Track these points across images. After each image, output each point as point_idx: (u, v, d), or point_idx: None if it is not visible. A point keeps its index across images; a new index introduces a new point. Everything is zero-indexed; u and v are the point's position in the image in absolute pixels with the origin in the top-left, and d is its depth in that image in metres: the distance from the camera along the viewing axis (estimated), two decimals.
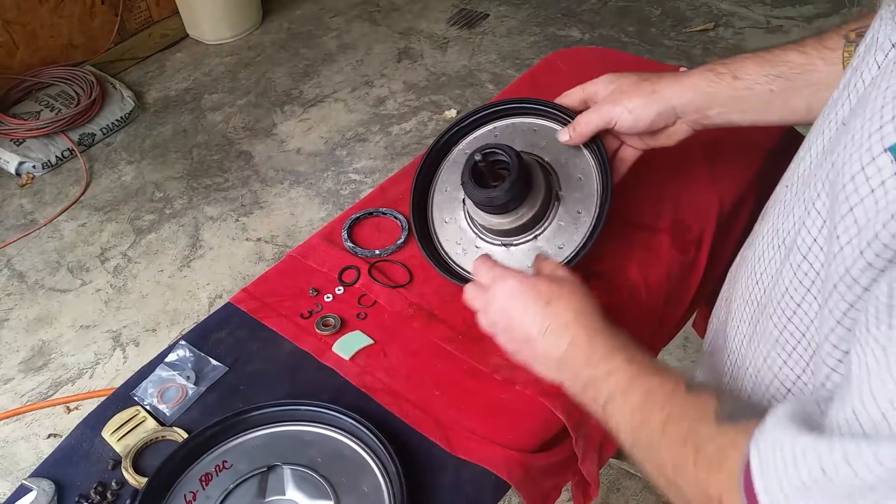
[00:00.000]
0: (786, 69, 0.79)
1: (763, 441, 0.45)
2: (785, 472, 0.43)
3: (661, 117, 0.85)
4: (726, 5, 3.17)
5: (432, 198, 0.99)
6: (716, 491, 0.50)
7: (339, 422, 0.80)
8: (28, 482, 0.79)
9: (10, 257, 2.39)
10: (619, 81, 0.88)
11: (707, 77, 0.83)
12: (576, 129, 0.89)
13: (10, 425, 1.95)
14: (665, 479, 0.57)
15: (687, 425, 0.56)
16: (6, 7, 2.79)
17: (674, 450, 0.56)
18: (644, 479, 1.71)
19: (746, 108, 0.83)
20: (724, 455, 0.50)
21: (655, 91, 0.85)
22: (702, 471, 0.52)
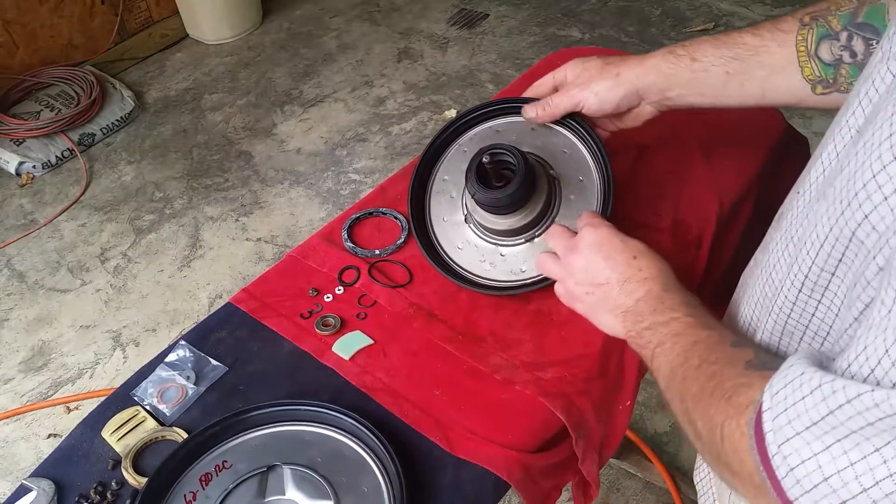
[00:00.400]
0: (741, 51, 0.81)
1: (776, 381, 0.48)
2: (794, 407, 0.45)
3: (626, 99, 0.88)
4: (726, 5, 3.17)
5: (430, 196, 0.99)
6: (719, 418, 0.55)
7: (339, 422, 0.80)
8: (28, 482, 0.79)
9: (10, 257, 2.39)
10: (586, 65, 0.90)
11: (667, 59, 0.85)
12: (545, 109, 0.92)
13: (10, 425, 1.95)
14: (686, 412, 0.62)
15: (718, 367, 0.60)
16: (6, 7, 2.79)
17: (699, 384, 0.60)
18: (644, 479, 1.71)
19: (704, 91, 0.85)
20: (737, 391, 0.54)
21: (619, 74, 0.87)
22: (714, 400, 0.56)
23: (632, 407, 0.90)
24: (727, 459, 0.54)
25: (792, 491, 0.45)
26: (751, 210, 1.05)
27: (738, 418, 0.52)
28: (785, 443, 0.45)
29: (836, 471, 0.43)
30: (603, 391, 0.86)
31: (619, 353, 0.89)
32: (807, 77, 0.78)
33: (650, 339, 0.72)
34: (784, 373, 0.48)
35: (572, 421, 0.82)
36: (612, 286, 0.78)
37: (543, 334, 0.89)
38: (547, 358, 0.87)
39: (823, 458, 0.43)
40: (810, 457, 0.44)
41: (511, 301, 0.93)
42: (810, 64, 0.77)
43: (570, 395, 0.83)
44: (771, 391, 0.48)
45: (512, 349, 0.88)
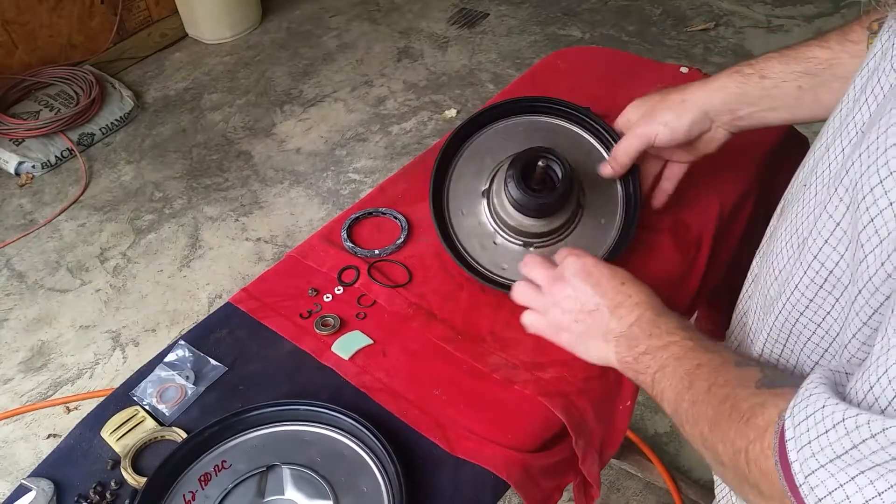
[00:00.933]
0: (811, 65, 0.80)
1: (797, 411, 0.48)
2: (817, 441, 0.45)
3: (696, 125, 0.86)
4: (727, 4, 3.17)
5: (448, 188, 0.97)
6: (742, 443, 0.54)
7: (339, 421, 0.80)
8: (27, 482, 0.78)
9: (10, 257, 2.39)
10: (647, 102, 0.89)
11: (734, 78, 0.85)
12: (616, 160, 0.90)
13: (10, 425, 1.95)
14: (702, 438, 0.61)
15: (729, 390, 0.60)
16: (5, 7, 2.79)
17: (714, 408, 0.60)
18: (644, 479, 1.71)
19: (777, 106, 0.83)
20: (754, 412, 0.54)
21: (685, 100, 0.86)
22: (733, 425, 0.56)
23: (632, 407, 0.90)
24: (756, 482, 0.54)
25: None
26: (751, 210, 1.05)
27: (761, 441, 0.52)
28: (811, 474, 0.46)
29: (863, 501, 0.43)
30: (603, 391, 0.86)
31: None
32: None
33: (649, 363, 0.71)
34: (804, 402, 0.48)
35: (572, 421, 0.82)
36: (603, 312, 0.76)
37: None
38: (547, 358, 0.87)
39: (850, 489, 0.44)
40: (836, 488, 0.44)
41: (511, 301, 0.92)
42: None
43: (570, 394, 0.83)
44: (793, 420, 0.48)
45: (511, 349, 0.88)
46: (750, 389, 0.58)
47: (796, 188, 0.68)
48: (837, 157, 0.59)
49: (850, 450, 0.43)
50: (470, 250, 0.94)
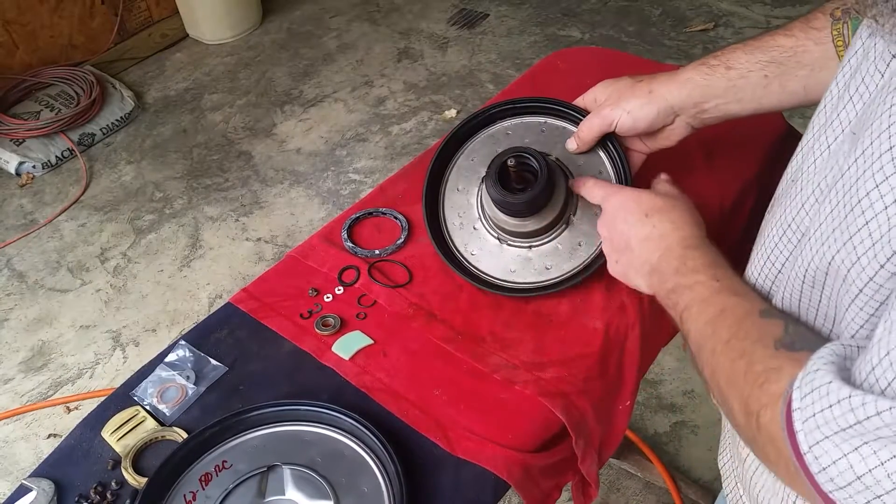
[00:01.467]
0: (776, 53, 0.81)
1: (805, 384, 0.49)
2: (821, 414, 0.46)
3: (660, 116, 0.87)
4: (726, 5, 3.17)
5: (443, 196, 0.98)
6: (755, 406, 0.55)
7: (339, 422, 0.80)
8: (28, 482, 0.79)
9: (10, 257, 2.39)
10: (616, 85, 0.89)
11: (700, 71, 0.85)
12: (580, 137, 0.91)
13: (10, 425, 1.95)
14: (718, 388, 0.62)
15: (748, 344, 0.59)
16: (6, 7, 2.79)
17: (730, 361, 0.60)
18: (644, 479, 1.71)
19: (743, 97, 0.84)
20: (768, 377, 0.55)
21: (652, 90, 0.86)
22: (748, 385, 0.56)
23: (631, 407, 0.91)
24: (763, 446, 0.55)
25: (826, 486, 0.47)
26: (752, 205, 1.05)
27: (773, 408, 0.53)
28: (815, 444, 0.47)
29: (867, 469, 0.44)
30: (602, 391, 0.87)
31: (619, 354, 0.89)
32: None
33: (676, 301, 0.71)
34: (811, 376, 0.49)
35: (572, 421, 0.82)
36: (633, 248, 0.78)
37: (543, 334, 0.89)
38: (546, 358, 0.87)
39: (854, 458, 0.45)
40: (840, 457, 0.45)
41: (511, 301, 0.93)
42: None
43: (570, 394, 0.83)
44: (801, 391, 0.49)
45: (512, 349, 0.88)
46: (769, 350, 0.57)
47: (786, 183, 0.69)
48: (823, 154, 0.60)
49: (854, 424, 0.44)
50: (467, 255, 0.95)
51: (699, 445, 1.77)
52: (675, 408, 1.83)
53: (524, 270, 0.92)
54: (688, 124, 0.88)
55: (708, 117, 0.87)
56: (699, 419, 1.81)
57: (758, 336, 0.60)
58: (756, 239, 0.76)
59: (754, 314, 0.63)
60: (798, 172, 0.64)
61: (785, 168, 0.72)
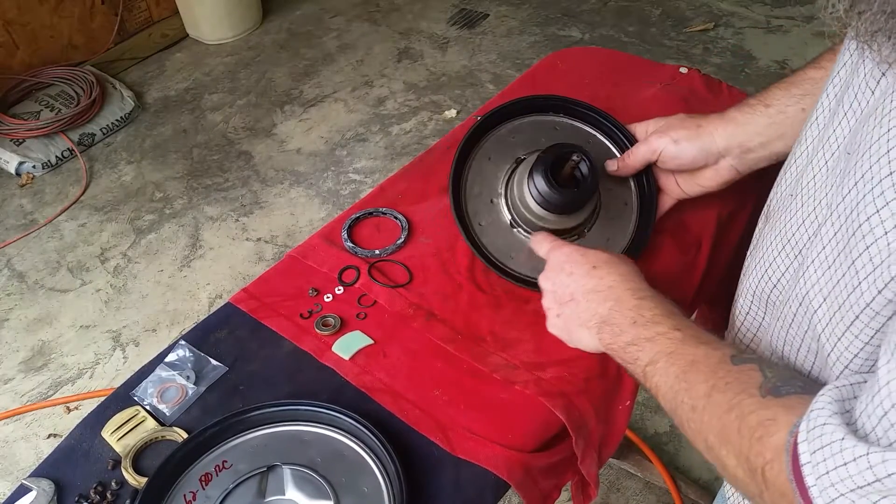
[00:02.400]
0: (809, 86, 0.83)
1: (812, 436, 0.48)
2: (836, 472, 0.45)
3: (703, 153, 0.88)
4: (726, 5, 3.17)
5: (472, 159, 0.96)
6: (758, 462, 0.54)
7: (339, 422, 0.80)
8: (28, 482, 0.79)
9: (10, 257, 2.39)
10: (668, 119, 0.92)
11: (742, 110, 0.87)
12: (625, 161, 0.93)
13: (10, 425, 1.95)
14: (706, 444, 0.60)
15: (731, 395, 0.58)
16: (6, 7, 2.79)
17: (718, 417, 0.58)
18: (644, 479, 1.71)
19: (785, 133, 0.84)
20: (766, 429, 0.54)
21: (700, 126, 0.88)
22: (745, 441, 0.55)
23: (631, 407, 0.91)
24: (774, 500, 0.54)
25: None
26: (751, 211, 1.05)
27: (779, 462, 0.52)
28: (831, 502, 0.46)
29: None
30: (603, 391, 0.87)
31: None
32: None
33: (637, 355, 0.70)
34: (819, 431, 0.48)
35: (572, 421, 0.82)
36: (578, 300, 0.78)
37: (543, 334, 0.89)
38: (547, 358, 0.87)
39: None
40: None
41: (511, 301, 0.93)
42: None
43: (570, 394, 0.83)
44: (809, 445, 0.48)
45: (512, 349, 0.88)
46: (756, 398, 0.56)
47: (782, 196, 0.69)
48: (821, 170, 0.60)
49: (872, 482, 0.43)
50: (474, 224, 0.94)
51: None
52: None
53: (523, 259, 0.92)
54: (732, 167, 0.89)
55: (754, 157, 0.87)
56: None
57: (739, 386, 0.58)
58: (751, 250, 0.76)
59: (727, 362, 0.62)
60: (796, 186, 0.64)
61: (776, 175, 0.72)
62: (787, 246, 0.64)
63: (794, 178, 0.66)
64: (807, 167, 0.63)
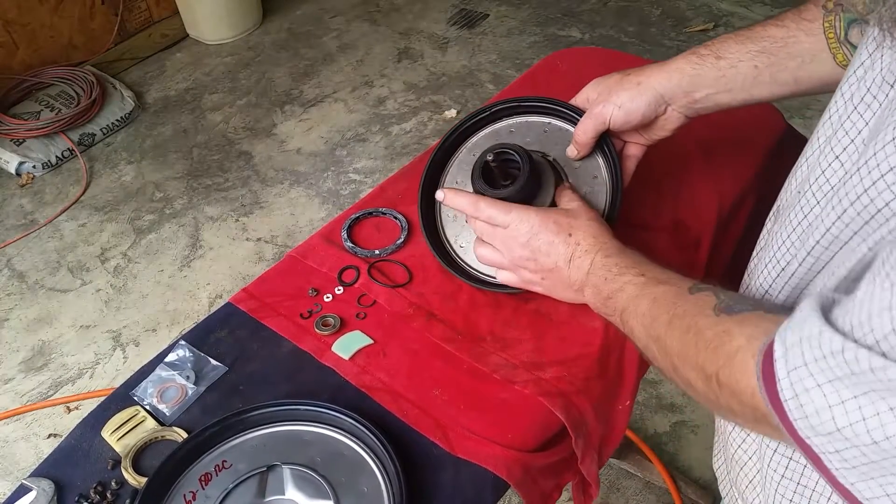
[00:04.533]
0: (767, 44, 0.80)
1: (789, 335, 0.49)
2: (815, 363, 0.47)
3: (651, 107, 0.86)
4: (726, 5, 3.17)
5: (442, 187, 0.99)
6: (712, 369, 0.58)
7: (339, 421, 0.80)
8: (28, 482, 0.79)
9: (10, 257, 2.39)
10: (606, 82, 0.89)
11: (690, 60, 0.84)
12: (577, 141, 0.91)
13: (10, 425, 1.95)
14: (673, 368, 0.65)
15: (689, 319, 0.63)
16: (6, 7, 2.79)
17: (678, 339, 0.64)
18: (644, 479, 1.71)
19: (733, 87, 0.83)
20: (720, 340, 0.58)
21: (640, 82, 0.86)
22: (701, 353, 0.60)
23: (631, 407, 0.91)
24: (727, 403, 0.58)
25: (804, 431, 0.48)
26: (751, 210, 1.05)
27: (730, 367, 0.56)
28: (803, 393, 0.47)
29: (847, 424, 0.45)
30: (602, 391, 0.87)
31: (619, 353, 0.89)
32: (840, 63, 0.77)
33: (614, 307, 0.75)
34: (798, 326, 0.49)
35: (572, 420, 0.82)
36: (562, 269, 0.81)
37: (543, 334, 0.89)
38: (546, 357, 0.87)
39: (837, 412, 0.45)
40: (825, 407, 0.46)
41: (510, 300, 0.93)
42: (842, 50, 0.77)
43: (570, 394, 0.83)
44: (783, 343, 0.50)
45: (511, 349, 0.88)
46: (710, 318, 0.61)
47: (791, 194, 0.69)
48: (832, 164, 0.60)
49: (849, 375, 0.45)
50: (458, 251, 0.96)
51: (699, 445, 1.77)
52: (675, 408, 1.83)
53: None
54: (681, 114, 0.88)
55: (700, 107, 0.86)
56: (699, 419, 1.81)
57: (695, 310, 0.63)
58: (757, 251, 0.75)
59: (684, 293, 0.67)
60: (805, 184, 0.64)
61: (786, 172, 0.72)
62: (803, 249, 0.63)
63: (804, 175, 0.66)
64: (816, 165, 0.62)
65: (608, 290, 0.76)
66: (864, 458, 0.46)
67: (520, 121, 0.98)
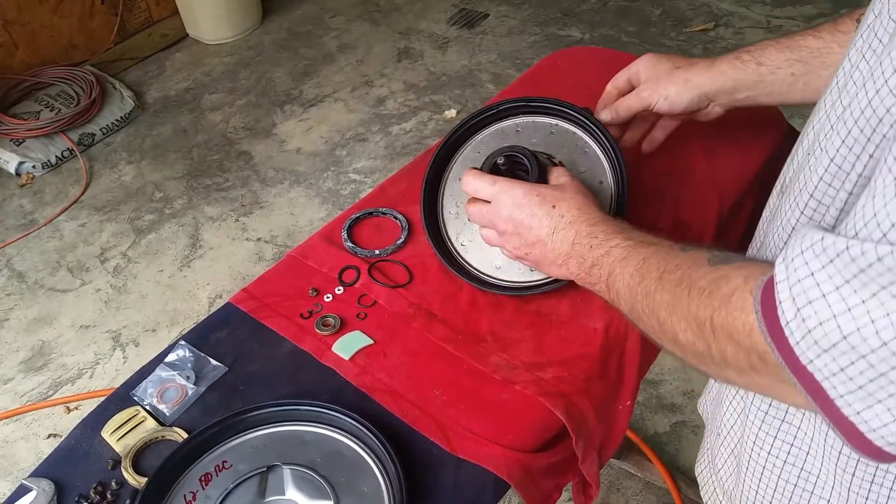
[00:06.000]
0: (804, 53, 0.88)
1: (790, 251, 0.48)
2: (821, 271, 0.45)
3: (694, 102, 0.94)
4: (726, 5, 3.17)
5: (444, 189, 0.99)
6: (706, 313, 0.56)
7: (339, 422, 0.80)
8: (28, 482, 0.79)
9: (10, 257, 2.39)
10: (657, 69, 0.96)
11: (734, 65, 0.92)
12: (618, 111, 0.98)
13: (10, 425, 1.95)
14: (660, 325, 0.63)
15: (681, 273, 0.61)
16: (6, 7, 2.79)
17: (669, 292, 0.62)
18: (644, 479, 1.71)
19: (771, 92, 0.91)
20: (716, 285, 0.56)
21: (688, 80, 0.93)
22: (694, 301, 0.58)
23: (632, 407, 0.91)
24: (721, 348, 0.55)
25: (807, 353, 0.46)
26: (751, 210, 1.05)
27: (727, 307, 0.54)
28: (807, 305, 0.46)
29: (855, 329, 0.43)
30: (603, 391, 0.87)
31: (619, 354, 0.89)
32: None
33: (599, 273, 0.74)
34: (798, 242, 0.48)
35: (572, 421, 0.82)
36: (545, 242, 0.80)
37: (543, 334, 0.89)
38: (547, 358, 0.87)
39: (844, 319, 0.44)
40: (830, 318, 0.44)
41: (511, 301, 0.93)
42: None
43: (570, 394, 0.83)
44: (786, 262, 0.48)
45: (512, 349, 0.88)
46: (705, 268, 0.59)
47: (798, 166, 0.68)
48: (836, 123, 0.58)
49: (857, 274, 0.43)
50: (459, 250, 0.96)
51: (699, 445, 1.77)
52: (675, 408, 1.83)
53: (509, 268, 0.93)
54: (722, 108, 0.96)
55: (740, 104, 0.94)
56: (699, 419, 1.81)
57: (688, 263, 0.62)
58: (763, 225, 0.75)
59: (676, 251, 0.66)
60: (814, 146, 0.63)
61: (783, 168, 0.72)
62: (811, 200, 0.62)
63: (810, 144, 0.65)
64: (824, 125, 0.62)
65: (593, 257, 0.75)
66: (872, 372, 0.44)
67: (526, 120, 0.98)
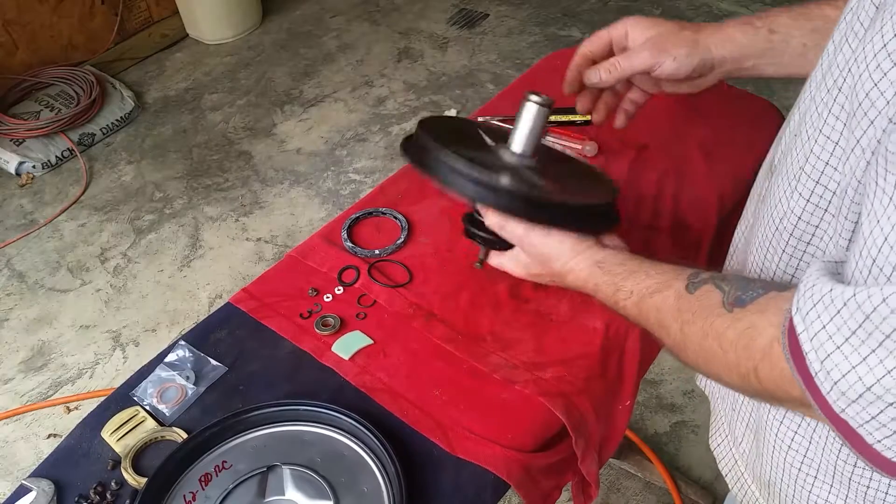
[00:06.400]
0: (820, 23, 0.81)
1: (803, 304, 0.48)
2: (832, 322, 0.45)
3: (698, 67, 0.87)
4: (726, 5, 3.17)
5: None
6: (748, 366, 0.55)
7: (339, 422, 0.80)
8: (28, 482, 0.79)
9: (10, 257, 2.39)
10: (659, 29, 0.88)
11: (744, 30, 0.85)
12: (610, 72, 0.89)
13: (10, 425, 1.95)
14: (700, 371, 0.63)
15: (701, 323, 0.60)
16: (6, 7, 2.79)
17: (698, 346, 0.60)
18: (644, 479, 1.71)
19: (781, 62, 0.84)
20: (748, 337, 0.55)
21: (698, 41, 0.86)
22: (730, 355, 0.56)
23: (631, 407, 0.91)
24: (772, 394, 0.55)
25: (838, 403, 0.47)
26: None
27: (770, 358, 0.53)
28: (826, 358, 0.46)
29: (875, 380, 0.44)
30: (603, 391, 0.87)
31: (619, 353, 0.89)
32: None
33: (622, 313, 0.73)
34: (809, 293, 0.48)
35: (572, 421, 0.82)
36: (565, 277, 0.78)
37: (543, 334, 0.89)
38: (547, 358, 0.87)
39: (862, 370, 0.44)
40: (850, 370, 0.45)
41: (511, 300, 0.93)
42: None
43: (570, 394, 0.83)
44: (801, 314, 0.48)
45: (512, 349, 0.88)
46: (724, 316, 0.57)
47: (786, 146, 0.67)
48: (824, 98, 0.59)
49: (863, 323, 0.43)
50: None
51: (699, 445, 1.77)
52: (675, 408, 1.83)
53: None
54: (716, 78, 0.89)
55: (743, 74, 0.87)
56: (699, 419, 1.81)
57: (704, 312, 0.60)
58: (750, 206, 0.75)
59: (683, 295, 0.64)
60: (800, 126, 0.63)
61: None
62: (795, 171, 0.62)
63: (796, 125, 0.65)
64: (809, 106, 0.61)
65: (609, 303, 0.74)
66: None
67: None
